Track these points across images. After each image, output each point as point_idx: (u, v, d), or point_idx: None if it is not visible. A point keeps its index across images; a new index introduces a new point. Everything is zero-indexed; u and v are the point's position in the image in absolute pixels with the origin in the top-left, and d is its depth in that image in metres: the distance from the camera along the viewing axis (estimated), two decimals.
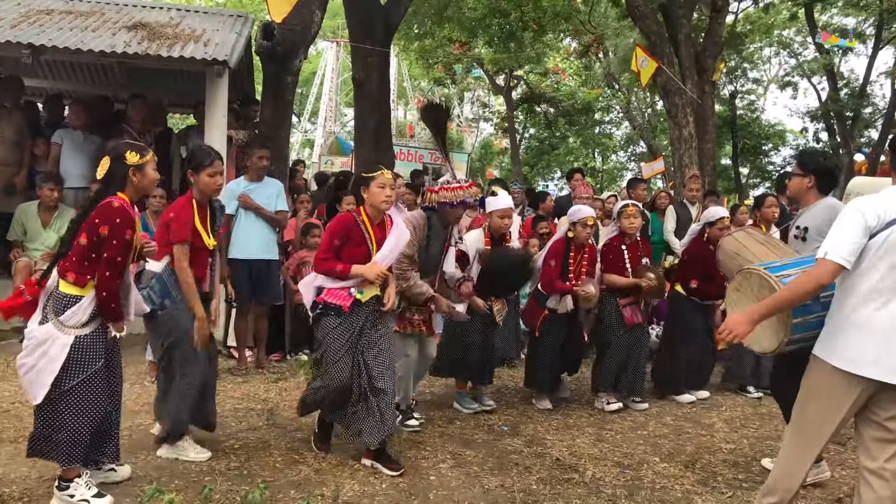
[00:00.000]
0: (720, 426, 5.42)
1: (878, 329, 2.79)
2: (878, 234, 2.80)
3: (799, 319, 3.08)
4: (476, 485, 4.04)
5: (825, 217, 3.96)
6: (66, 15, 7.48)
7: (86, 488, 3.48)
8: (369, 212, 4.20)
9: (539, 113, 27.30)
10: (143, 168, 3.54)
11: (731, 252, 4.22)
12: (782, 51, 25.86)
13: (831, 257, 2.79)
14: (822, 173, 4.11)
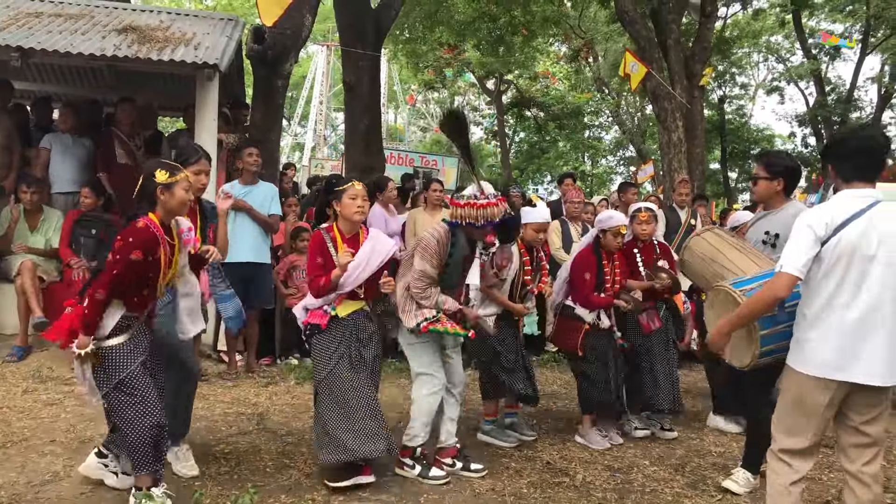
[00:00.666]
0: (709, 430, 5.44)
1: (841, 332, 2.88)
2: (828, 241, 2.90)
3: (767, 331, 3.15)
4: (467, 489, 4.04)
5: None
6: (55, 18, 7.44)
7: (164, 498, 3.43)
8: (341, 226, 4.11)
9: (529, 117, 27.38)
10: (172, 187, 3.42)
11: (703, 256, 4.06)
12: (770, 56, 26.07)
13: (786, 269, 2.92)
14: (789, 175, 4.04)
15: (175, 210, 3.49)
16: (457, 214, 4.14)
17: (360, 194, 4.08)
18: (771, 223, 4.03)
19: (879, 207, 2.95)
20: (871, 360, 2.86)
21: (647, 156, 22.91)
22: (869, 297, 2.87)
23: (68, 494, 3.67)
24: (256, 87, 8.27)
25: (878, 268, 2.86)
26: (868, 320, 2.87)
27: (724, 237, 4.11)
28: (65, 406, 5.12)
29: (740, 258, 3.87)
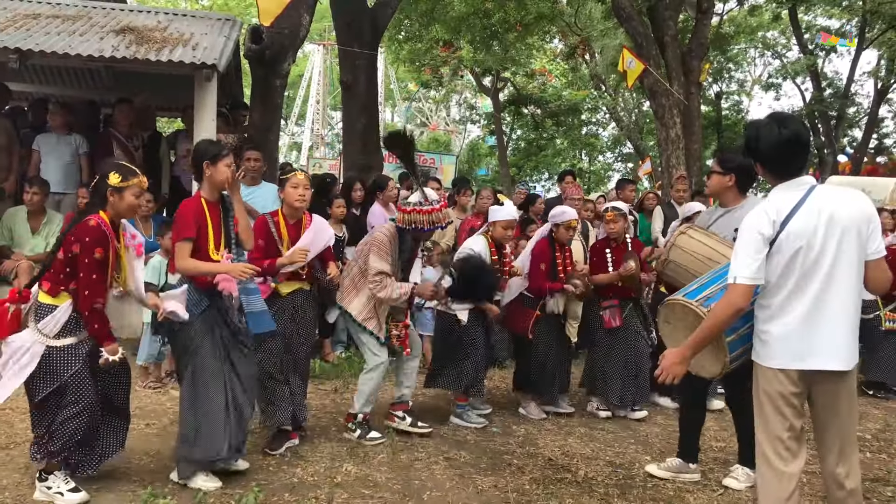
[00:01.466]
0: (710, 425, 5.43)
1: (799, 322, 2.85)
2: (777, 237, 2.84)
3: (732, 337, 3.07)
4: (470, 485, 4.06)
5: None
6: (53, 19, 7.44)
7: (63, 482, 3.57)
8: (286, 212, 4.51)
9: (526, 115, 27.39)
10: (123, 192, 3.55)
11: (694, 255, 3.97)
12: (766, 52, 26.10)
13: (740, 280, 2.85)
14: (742, 171, 4.09)
15: (123, 213, 3.62)
16: (405, 220, 4.60)
17: (301, 183, 4.48)
18: (737, 221, 3.92)
19: (818, 192, 2.89)
20: (830, 346, 2.83)
21: (645, 152, 22.95)
22: (823, 285, 2.82)
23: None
24: (254, 87, 8.28)
25: (828, 255, 2.82)
26: (824, 307, 2.83)
27: (707, 234, 4.07)
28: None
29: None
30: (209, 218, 3.87)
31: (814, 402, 2.95)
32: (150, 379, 5.80)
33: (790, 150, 2.92)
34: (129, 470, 4.03)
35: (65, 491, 3.54)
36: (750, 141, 3.01)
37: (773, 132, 2.91)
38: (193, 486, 3.78)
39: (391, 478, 4.11)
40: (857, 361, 2.91)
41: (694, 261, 3.98)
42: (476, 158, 33.84)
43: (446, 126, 38.81)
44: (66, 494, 3.54)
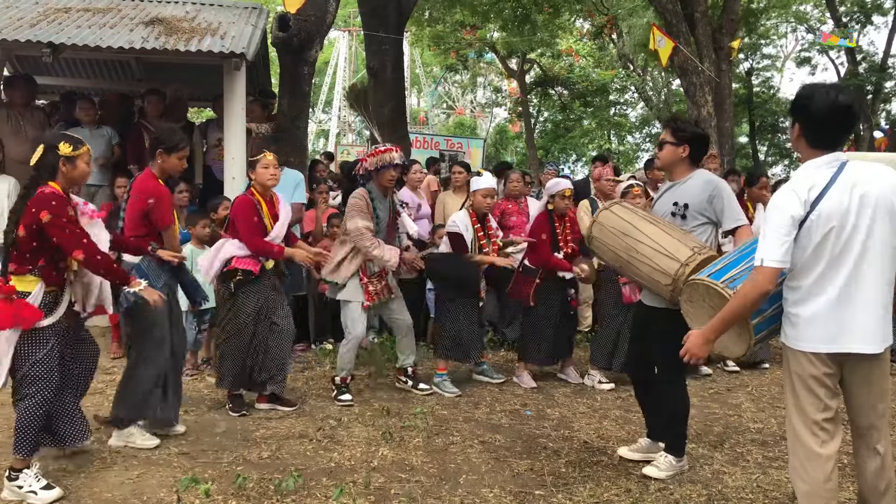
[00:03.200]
0: (747, 406, 5.41)
1: (830, 304, 2.76)
2: (807, 217, 2.74)
3: (757, 319, 2.99)
4: (506, 468, 4.07)
5: (706, 194, 3.87)
6: (83, 12, 7.52)
7: (34, 479, 3.53)
8: (259, 190, 4.90)
9: (553, 96, 27.15)
10: (75, 160, 3.62)
11: (615, 230, 3.94)
12: (799, 26, 25.52)
13: (767, 263, 2.76)
14: (695, 142, 3.95)
15: (76, 181, 3.72)
16: (362, 168, 5.26)
17: (271, 163, 4.89)
18: (679, 194, 3.96)
19: (850, 169, 2.78)
20: (862, 328, 2.75)
21: None
22: (855, 265, 2.74)
23: (116, 480, 3.76)
24: (283, 74, 8.31)
25: (860, 234, 2.73)
26: (856, 288, 2.74)
27: (635, 211, 4.00)
28: (107, 395, 5.22)
29: (654, 231, 3.78)
30: None
31: (845, 382, 2.87)
32: (186, 367, 5.88)
33: (839, 120, 2.80)
34: (170, 456, 4.10)
35: (37, 489, 3.49)
36: (801, 99, 2.86)
37: (829, 97, 2.77)
38: (130, 442, 4.20)
39: (427, 461, 4.13)
40: (891, 342, 2.83)
41: (612, 237, 3.94)
42: (504, 142, 33.67)
43: (472, 110, 38.66)
44: (39, 493, 3.49)
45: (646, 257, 3.75)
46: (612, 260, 4.06)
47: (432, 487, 3.79)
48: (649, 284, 3.87)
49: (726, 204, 3.85)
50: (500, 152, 31.79)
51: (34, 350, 3.52)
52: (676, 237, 3.74)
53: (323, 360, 6.38)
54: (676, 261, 3.63)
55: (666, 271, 3.66)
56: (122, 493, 3.61)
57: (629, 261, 3.86)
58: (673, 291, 3.64)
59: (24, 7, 7.51)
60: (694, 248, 3.67)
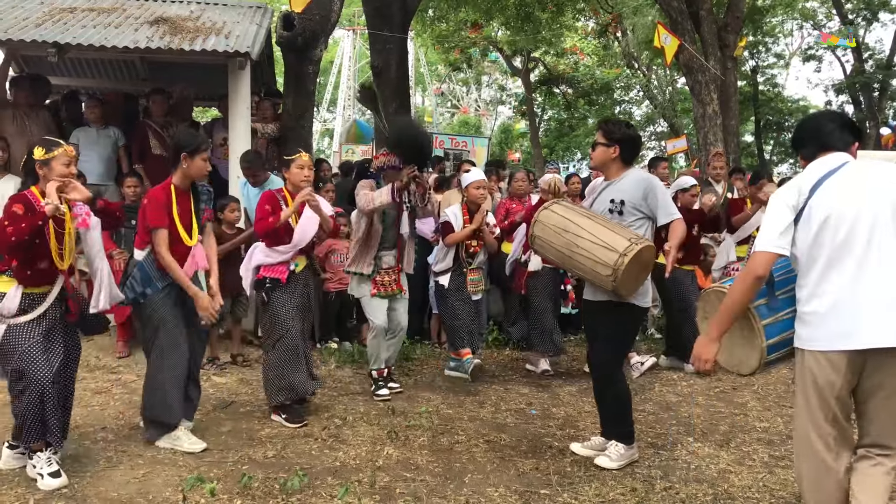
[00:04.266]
0: (753, 405, 5.40)
1: (841, 299, 2.67)
2: (804, 207, 2.74)
3: (769, 320, 2.91)
4: (511, 468, 4.06)
5: (640, 191, 4.00)
6: (88, 12, 7.53)
7: (46, 463, 3.63)
8: (291, 190, 4.83)
9: (558, 94, 27.11)
10: (49, 163, 3.62)
11: (555, 227, 4.02)
12: (805, 23, 25.43)
13: (759, 248, 2.77)
14: (626, 143, 4.06)
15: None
16: (375, 165, 5.48)
17: (306, 164, 4.84)
18: (615, 192, 4.07)
19: (851, 166, 2.79)
20: (876, 320, 2.62)
21: (680, 130, 22.58)
22: (861, 257, 2.66)
23: (122, 479, 3.76)
24: (287, 74, 8.31)
25: (863, 225, 2.66)
26: (866, 280, 2.64)
27: (573, 208, 4.12)
28: (113, 394, 5.24)
29: (592, 225, 3.88)
30: (175, 205, 4.19)
31: (864, 382, 2.72)
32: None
33: (821, 131, 2.91)
34: (175, 455, 4.10)
35: (45, 473, 3.60)
36: (794, 133, 3.08)
37: (807, 120, 3.03)
38: (178, 445, 4.16)
39: (432, 461, 4.13)
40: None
41: (553, 234, 4.03)
42: (509, 140, 33.64)
43: (477, 108, 38.62)
44: (45, 477, 3.59)
45: (586, 251, 3.83)
46: (556, 257, 4.17)
47: (437, 487, 3.78)
48: (592, 278, 3.97)
49: (660, 200, 4.00)
50: (504, 151, 31.74)
51: (19, 342, 3.60)
52: (614, 230, 3.85)
53: (328, 360, 6.39)
54: (615, 251, 3.72)
55: (606, 262, 3.74)
56: (128, 491, 3.62)
57: (571, 256, 3.95)
58: (615, 282, 3.74)
59: (29, 7, 7.53)
60: (631, 238, 3.78)
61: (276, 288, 4.73)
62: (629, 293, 3.93)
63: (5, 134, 6.72)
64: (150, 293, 4.15)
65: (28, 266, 3.62)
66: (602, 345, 4.16)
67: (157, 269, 4.16)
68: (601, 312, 4.08)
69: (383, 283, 5.31)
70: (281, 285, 4.72)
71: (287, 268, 4.76)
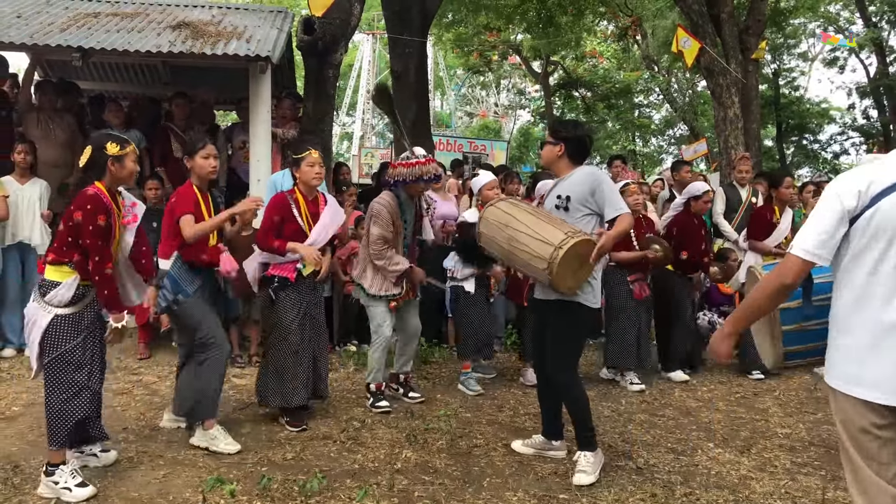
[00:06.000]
0: (774, 410, 5.34)
1: (878, 337, 2.16)
2: (861, 214, 2.20)
3: (792, 326, 2.58)
4: (529, 472, 4.05)
5: (587, 186, 3.97)
6: (112, 17, 7.62)
7: (70, 476, 3.53)
8: (303, 190, 4.69)
9: (577, 98, 27.04)
10: (122, 160, 3.63)
11: (497, 223, 4.02)
12: (828, 26, 25.19)
13: (794, 251, 2.27)
14: (572, 141, 4.07)
15: (124, 180, 3.72)
16: (392, 174, 4.94)
17: (317, 162, 4.68)
18: (562, 188, 4.08)
19: None
20: None
21: (701, 133, 22.45)
22: None
23: (143, 480, 3.79)
24: (308, 77, 8.34)
25: None
26: None
27: (518, 205, 4.12)
28: (134, 395, 5.29)
29: (532, 220, 3.87)
30: (202, 204, 4.27)
31: None
32: None
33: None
34: (195, 456, 4.13)
35: (72, 486, 3.50)
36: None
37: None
38: (213, 444, 4.17)
39: (450, 464, 4.12)
40: None
41: (496, 229, 4.02)
42: (528, 144, 33.60)
43: (496, 112, 38.63)
44: (73, 490, 3.49)
45: (524, 244, 3.83)
46: (499, 252, 4.17)
47: (456, 490, 3.78)
48: (530, 272, 4.00)
49: (607, 195, 3.97)
50: (523, 154, 31.70)
51: (64, 339, 3.55)
52: (553, 224, 3.82)
53: (347, 362, 6.40)
54: (550, 245, 3.70)
55: (542, 256, 3.72)
56: (149, 492, 3.64)
57: (511, 250, 3.95)
58: (550, 275, 3.72)
59: (53, 12, 7.63)
60: (568, 232, 3.74)
61: (284, 287, 4.63)
62: (568, 289, 3.86)
63: (30, 137, 6.81)
64: (181, 299, 4.18)
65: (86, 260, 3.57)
66: (553, 348, 4.08)
67: (186, 274, 4.20)
68: (549, 312, 4.05)
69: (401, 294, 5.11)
70: (289, 285, 4.62)
71: (294, 267, 4.64)
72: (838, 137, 26.27)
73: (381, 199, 4.98)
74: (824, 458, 4.39)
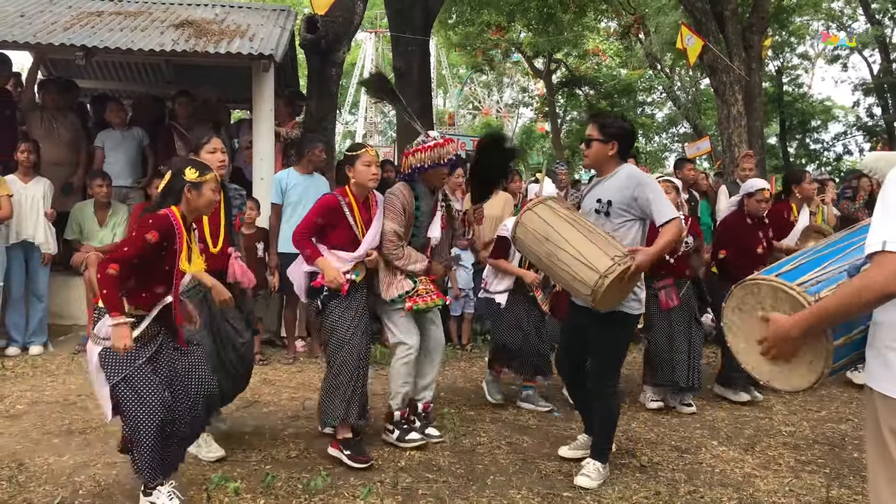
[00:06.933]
0: (779, 408, 5.34)
1: None
2: None
3: (841, 340, 2.15)
4: (534, 470, 4.05)
5: (629, 190, 3.69)
6: (115, 16, 7.63)
7: (167, 498, 3.33)
8: (355, 191, 4.21)
9: (580, 96, 27.03)
10: (201, 187, 3.40)
11: (535, 234, 3.70)
12: (831, 24, 25.15)
13: (893, 247, 1.86)
14: (624, 138, 3.77)
15: (201, 209, 3.46)
16: (407, 164, 4.27)
17: (373, 161, 4.22)
18: (603, 190, 3.80)
19: None
20: None
21: (704, 131, 22.43)
22: None
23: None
24: (310, 76, 8.35)
25: None
26: None
27: (556, 210, 3.74)
28: None
29: (575, 236, 3.57)
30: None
31: None
32: None
33: None
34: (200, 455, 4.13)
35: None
36: None
37: None
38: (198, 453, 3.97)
39: (454, 462, 4.12)
40: None
41: (534, 241, 3.72)
42: (530, 142, 33.60)
43: (498, 110, 38.61)
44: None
45: (566, 265, 3.55)
46: (537, 263, 3.91)
47: (460, 488, 3.78)
48: (570, 291, 3.73)
49: (652, 199, 3.66)
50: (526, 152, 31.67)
51: (121, 368, 3.26)
52: (598, 244, 3.53)
53: None
54: (595, 271, 3.43)
55: (585, 282, 3.46)
56: None
57: (551, 266, 3.68)
58: (593, 302, 3.49)
59: (57, 11, 7.65)
60: (615, 257, 3.46)
61: (334, 298, 4.13)
62: (610, 308, 3.67)
63: (34, 136, 6.83)
64: None
65: (142, 287, 3.33)
66: (595, 358, 3.90)
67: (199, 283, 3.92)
68: (590, 320, 3.79)
69: (419, 293, 4.31)
70: (339, 296, 4.13)
71: (348, 280, 4.13)
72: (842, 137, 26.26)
73: (395, 188, 4.33)
74: (828, 455, 4.39)
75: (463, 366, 6.47)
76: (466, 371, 6.30)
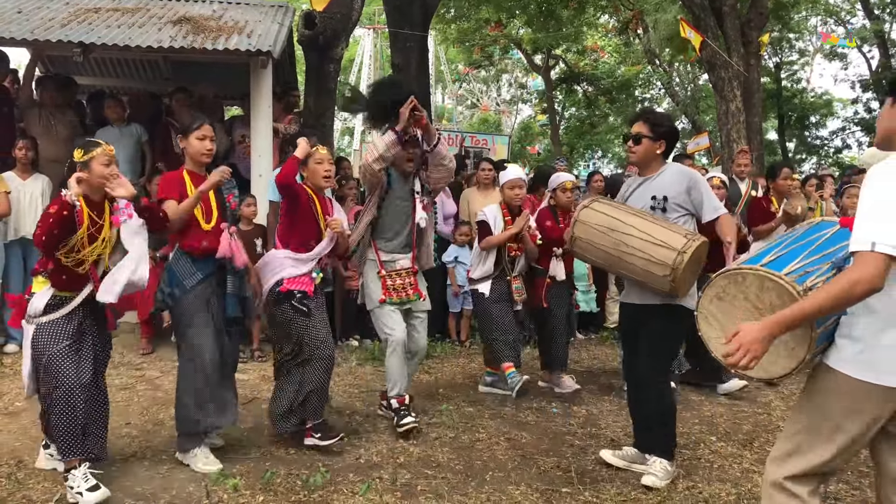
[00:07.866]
0: (777, 404, 5.35)
1: None
2: None
3: (821, 329, 2.27)
4: (532, 466, 4.06)
5: (683, 185, 3.81)
6: (113, 12, 7.61)
7: (82, 480, 3.44)
8: (311, 189, 4.30)
9: (578, 92, 27.00)
10: (89, 164, 3.51)
11: (599, 227, 3.76)
12: (829, 19, 25.13)
13: (881, 248, 1.98)
14: (671, 137, 3.88)
15: (94, 184, 3.53)
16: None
17: (325, 159, 4.33)
18: (656, 188, 3.87)
19: None
20: None
21: (702, 127, 22.42)
22: None
23: (146, 475, 3.80)
24: (309, 72, 8.35)
25: None
26: None
27: (615, 205, 3.87)
28: (137, 390, 5.30)
29: (641, 222, 3.67)
30: (191, 190, 3.90)
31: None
32: None
33: None
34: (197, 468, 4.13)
35: (83, 490, 3.41)
36: None
37: None
38: (193, 465, 3.87)
39: (453, 458, 4.13)
40: None
41: (598, 234, 3.78)
42: (529, 138, 33.57)
43: (497, 106, 38.57)
44: (84, 494, 3.39)
45: (638, 250, 3.62)
46: (601, 258, 3.90)
47: (458, 484, 3.78)
48: (644, 278, 3.73)
49: (704, 195, 3.82)
50: (525, 148, 31.68)
51: (48, 345, 3.50)
52: (665, 226, 3.66)
53: (349, 357, 6.41)
54: (672, 249, 3.53)
55: (662, 261, 3.54)
56: (152, 487, 3.65)
57: (620, 256, 3.71)
58: (672, 282, 3.54)
59: (54, 7, 7.62)
60: (687, 234, 3.60)
61: (304, 300, 4.16)
62: (685, 292, 3.71)
63: (32, 133, 6.81)
64: (178, 294, 3.92)
65: (60, 270, 3.52)
66: (648, 354, 3.87)
67: (186, 266, 3.94)
68: (648, 316, 3.83)
69: (395, 288, 4.51)
70: (309, 298, 4.19)
71: (310, 279, 4.24)
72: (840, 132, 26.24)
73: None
74: None
75: (462, 362, 6.47)
76: (465, 367, 6.30)
